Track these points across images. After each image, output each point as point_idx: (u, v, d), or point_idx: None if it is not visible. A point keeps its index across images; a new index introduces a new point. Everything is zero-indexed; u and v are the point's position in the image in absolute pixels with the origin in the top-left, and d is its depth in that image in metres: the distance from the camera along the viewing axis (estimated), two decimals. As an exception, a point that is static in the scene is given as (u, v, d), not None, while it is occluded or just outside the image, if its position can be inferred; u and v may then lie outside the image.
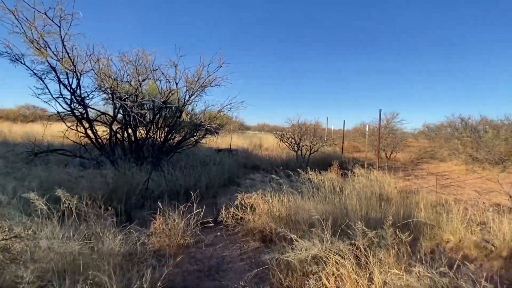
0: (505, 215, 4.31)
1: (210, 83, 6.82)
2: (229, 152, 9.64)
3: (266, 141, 14.66)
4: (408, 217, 4.25)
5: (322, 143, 9.57)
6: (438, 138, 16.26)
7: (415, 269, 1.83)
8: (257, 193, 4.05)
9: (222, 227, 3.99)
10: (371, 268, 2.19)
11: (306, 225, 3.34)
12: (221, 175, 6.41)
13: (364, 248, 2.37)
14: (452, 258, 3.59)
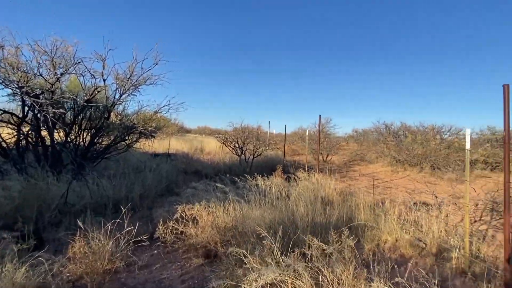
0: (433, 214, 4.71)
1: (144, 81, 6.16)
2: (167, 157, 8.94)
3: (207, 145, 14.15)
4: (350, 219, 4.34)
5: (265, 147, 9.55)
6: (366, 142, 17.82)
7: (374, 284, 1.72)
8: (200, 203, 3.66)
9: (160, 244, 3.49)
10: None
11: (255, 236, 3.09)
12: (158, 183, 5.80)
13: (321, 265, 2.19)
14: (391, 258, 3.74)
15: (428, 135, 13.20)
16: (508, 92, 2.69)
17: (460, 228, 4.05)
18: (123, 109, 6.51)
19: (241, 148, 9.41)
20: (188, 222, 3.57)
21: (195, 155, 11.11)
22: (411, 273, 3.34)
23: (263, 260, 2.33)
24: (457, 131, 14.23)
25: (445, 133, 14.36)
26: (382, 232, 4.13)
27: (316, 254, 2.56)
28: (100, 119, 6.01)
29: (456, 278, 3.25)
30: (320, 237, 3.62)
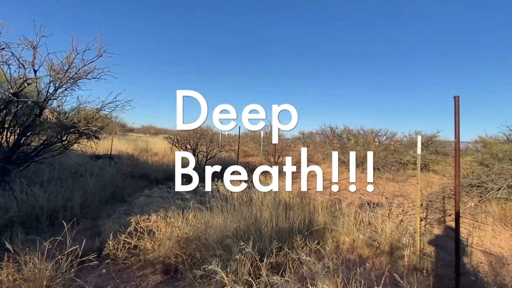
0: (385, 214, 5.02)
1: (86, 74, 5.43)
2: (110, 159, 8.09)
3: (154, 145, 13.24)
4: (311, 222, 4.38)
5: (219, 148, 9.27)
6: (313, 144, 18.64)
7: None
8: (157, 213, 3.31)
9: (109, 262, 3.06)
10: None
11: (221, 247, 2.89)
12: (101, 189, 5.16)
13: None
14: (351, 259, 3.86)
15: (369, 138, 14.32)
16: (458, 103, 2.93)
17: (410, 227, 4.36)
18: (58, 105, 5.67)
19: (194, 149, 9.00)
20: (143, 234, 3.20)
21: (141, 157, 10.29)
22: (371, 272, 3.49)
23: (236, 276, 2.15)
24: (392, 135, 15.74)
25: (382, 137, 15.76)
26: (340, 233, 4.25)
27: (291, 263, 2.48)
28: (29, 116, 5.13)
29: (410, 275, 3.46)
30: (286, 243, 3.57)
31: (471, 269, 3.75)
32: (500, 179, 5.59)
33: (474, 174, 6.69)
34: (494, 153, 7.21)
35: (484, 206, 5.89)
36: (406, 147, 14.19)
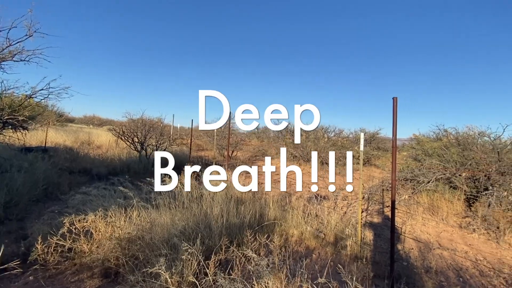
0: (330, 206, 5.27)
1: (11, 56, 4.75)
2: (43, 153, 7.26)
3: (98, 138, 12.21)
4: (261, 217, 4.43)
5: (170, 142, 8.87)
6: (267, 139, 18.96)
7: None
8: (95, 212, 3.04)
9: (38, 268, 2.73)
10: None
11: (167, 247, 2.75)
12: (31, 187, 4.59)
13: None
14: (298, 251, 3.98)
15: (319, 134, 15.01)
16: (396, 104, 3.15)
17: (353, 219, 4.64)
18: (-24, 89, 4.89)
19: (142, 143, 8.49)
20: (79, 236, 2.91)
21: (82, 150, 9.42)
22: (316, 263, 3.64)
23: (181, 277, 2.06)
24: (340, 131, 16.68)
25: (330, 133, 16.63)
26: (289, 226, 4.36)
27: (238, 260, 2.45)
28: None
29: (351, 263, 3.68)
30: (236, 239, 3.55)
31: (403, 255, 4.12)
32: (430, 173, 6.23)
33: (409, 169, 7.35)
34: (425, 150, 8.03)
35: (416, 197, 6.54)
36: (352, 143, 15.18)
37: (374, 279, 3.33)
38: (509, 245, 4.41)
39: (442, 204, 5.95)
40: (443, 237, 4.73)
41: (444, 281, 3.35)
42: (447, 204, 5.89)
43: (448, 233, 4.91)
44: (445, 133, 8.22)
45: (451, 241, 4.60)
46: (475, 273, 3.62)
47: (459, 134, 7.55)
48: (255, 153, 15.18)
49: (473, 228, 4.87)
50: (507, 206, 4.92)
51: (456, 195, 5.95)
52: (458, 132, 7.67)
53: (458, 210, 5.76)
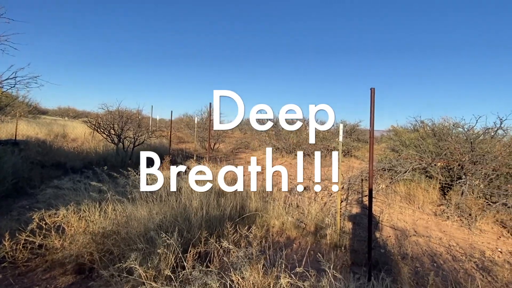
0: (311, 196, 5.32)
1: (-28, 42, 4.44)
2: (13, 146, 6.88)
3: (73, 130, 11.71)
4: (243, 208, 4.41)
5: (148, 134, 8.64)
6: (249, 131, 18.90)
7: (283, 280, 1.70)
8: (67, 207, 2.90)
9: (6, 266, 2.58)
10: None
11: (143, 241, 2.67)
12: (0, 181, 4.35)
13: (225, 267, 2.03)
14: (280, 241, 4.00)
15: (301, 126, 15.10)
16: (374, 94, 3.18)
17: (333, 209, 4.71)
18: None
19: (119, 135, 8.21)
20: (49, 232, 2.78)
21: (56, 143, 9.01)
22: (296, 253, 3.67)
23: (158, 272, 2.00)
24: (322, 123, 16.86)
25: (312, 125, 16.76)
26: (270, 217, 4.36)
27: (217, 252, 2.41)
28: None
29: (331, 252, 3.74)
30: (216, 231, 3.51)
31: (381, 243, 4.23)
32: (407, 163, 6.41)
33: (387, 159, 7.54)
34: (403, 141, 8.25)
35: (394, 187, 6.72)
36: (333, 134, 15.41)
37: (352, 267, 3.41)
38: (480, 231, 4.62)
39: (419, 193, 6.16)
40: (419, 225, 4.90)
41: (419, 266, 3.47)
42: (423, 193, 6.09)
43: (424, 221, 5.09)
44: (422, 124, 8.47)
45: (426, 228, 4.77)
46: (448, 258, 3.78)
47: (435, 125, 7.79)
48: (237, 145, 15.12)
49: (447, 216, 5.07)
50: (478, 194, 5.15)
51: (432, 184, 6.16)
52: (434, 123, 7.92)
53: (433, 199, 5.98)
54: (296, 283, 1.70)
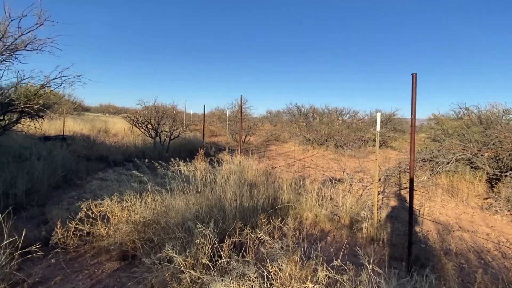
0: (345, 189, 5.18)
1: (24, 45, 4.79)
2: (62, 141, 7.46)
3: (113, 126, 12.45)
4: (275, 200, 4.40)
5: (183, 128, 8.91)
6: (280, 123, 18.81)
7: (320, 273, 1.67)
8: (111, 197, 3.09)
9: (59, 251, 2.82)
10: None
11: (181, 230, 2.77)
12: (51, 174, 4.72)
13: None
14: (313, 234, 3.96)
15: (333, 117, 14.70)
16: (415, 80, 2.98)
17: (369, 201, 4.55)
18: (-6, 81, 5.00)
19: (156, 129, 8.56)
20: (96, 220, 2.98)
21: (99, 138, 9.63)
22: (331, 246, 3.61)
23: (196, 260, 2.07)
24: (355, 113, 16.27)
25: (345, 115, 16.24)
26: (303, 209, 4.32)
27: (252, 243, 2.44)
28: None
29: (367, 246, 3.63)
30: (250, 222, 3.55)
31: (421, 237, 4.02)
32: (449, 153, 6.00)
33: (427, 150, 7.12)
34: (445, 130, 7.73)
35: (435, 179, 6.35)
36: (367, 125, 14.82)
37: (391, 262, 3.28)
38: (535, 226, 4.23)
39: (463, 186, 5.75)
40: (463, 219, 4.59)
41: (465, 263, 3.26)
42: (468, 185, 5.69)
43: (468, 215, 4.76)
44: (467, 112, 7.86)
45: (471, 223, 4.45)
46: (497, 255, 3.50)
47: (481, 113, 7.20)
48: (268, 137, 15.11)
49: (496, 210, 4.70)
50: (533, 186, 4.70)
51: (478, 176, 5.72)
52: (480, 111, 7.32)
53: (479, 192, 5.56)
54: (334, 276, 1.67)
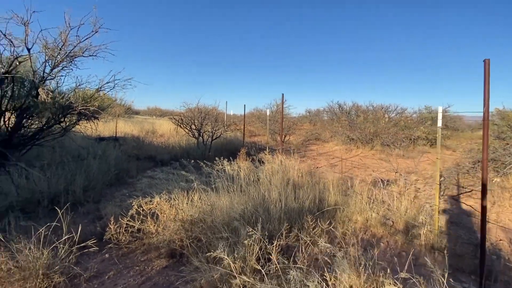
0: (399, 191, 4.78)
1: (82, 52, 5.15)
2: (114, 142, 7.96)
3: (160, 127, 13.10)
4: (321, 201, 4.19)
5: (224, 128, 9.04)
6: (320, 122, 18.28)
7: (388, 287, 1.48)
8: (160, 195, 3.14)
9: (112, 247, 2.93)
10: None
11: (227, 230, 2.72)
12: (105, 172, 5.02)
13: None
14: (364, 239, 3.68)
15: (378, 114, 13.86)
16: (488, 67, 2.60)
17: (427, 205, 4.14)
18: (56, 85, 5.45)
19: (199, 130, 8.78)
20: (146, 218, 3.05)
21: (147, 139, 10.16)
22: (386, 253, 3.32)
23: (244, 262, 1.98)
24: (402, 110, 15.20)
25: (391, 112, 15.25)
26: (352, 212, 4.05)
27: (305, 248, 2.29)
28: (26, 98, 4.93)
29: (427, 254, 3.27)
30: (296, 224, 3.40)
31: (490, 247, 3.55)
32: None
33: (490, 148, 6.36)
34: None
35: (500, 181, 5.62)
36: (416, 122, 13.75)
37: (457, 274, 2.91)
38: None
39: (539, 189, 5.01)
40: (542, 228, 3.97)
41: (552, 280, 2.78)
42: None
43: (548, 224, 4.11)
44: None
45: (553, 233, 3.83)
46: None
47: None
48: (307, 137, 14.74)
49: None
50: None
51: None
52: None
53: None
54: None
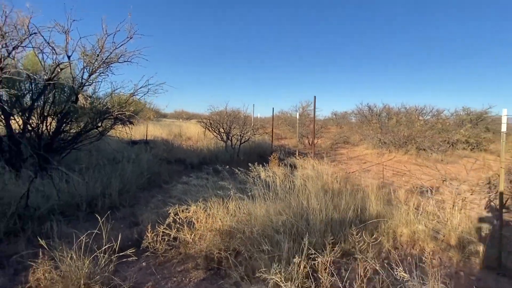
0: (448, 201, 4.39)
1: (117, 58, 5.27)
2: (145, 145, 8.11)
3: (187, 130, 13.27)
4: (362, 211, 3.93)
5: (253, 131, 8.94)
6: (348, 124, 17.71)
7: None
8: (197, 203, 3.05)
9: (149, 255, 2.87)
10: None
11: (267, 242, 2.56)
12: (138, 176, 5.06)
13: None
14: (413, 254, 3.37)
15: (412, 116, 13.16)
16: None
17: (485, 218, 3.75)
18: (93, 91, 5.61)
19: (227, 133, 8.75)
20: (182, 226, 2.97)
21: (175, 142, 10.29)
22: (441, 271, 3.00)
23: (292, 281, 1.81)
24: (439, 113, 14.32)
25: (426, 115, 14.43)
26: (397, 224, 3.75)
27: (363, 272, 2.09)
28: (66, 103, 5.10)
29: (488, 275, 2.93)
30: (338, 236, 3.18)
31: None
32: None
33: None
34: None
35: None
36: (455, 125, 12.90)
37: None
38: None
39: None
40: None
41: None
42: None
43: None
44: None
45: None
46: None
47: None
48: (336, 140, 14.28)
49: None
50: None
51: None
52: None
53: None
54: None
